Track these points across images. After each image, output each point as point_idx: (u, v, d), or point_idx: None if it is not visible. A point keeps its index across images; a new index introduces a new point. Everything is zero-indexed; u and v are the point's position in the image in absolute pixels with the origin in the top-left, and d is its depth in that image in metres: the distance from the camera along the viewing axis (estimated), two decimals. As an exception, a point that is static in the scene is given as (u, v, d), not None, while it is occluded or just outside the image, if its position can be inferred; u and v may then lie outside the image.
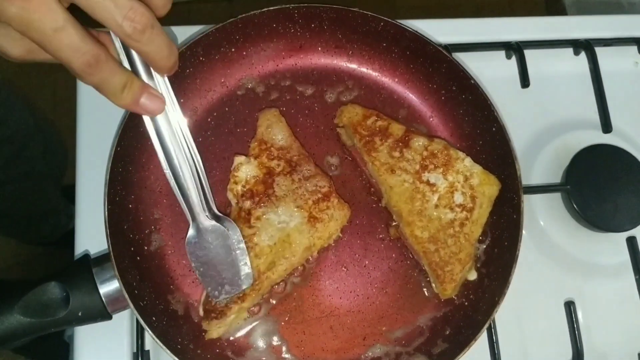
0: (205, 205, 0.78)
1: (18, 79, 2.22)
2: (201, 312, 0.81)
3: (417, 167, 0.85)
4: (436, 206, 0.84)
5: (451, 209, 0.84)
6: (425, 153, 0.86)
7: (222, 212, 0.81)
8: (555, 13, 2.35)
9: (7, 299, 0.74)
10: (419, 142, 0.86)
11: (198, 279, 0.84)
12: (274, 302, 0.85)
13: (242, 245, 0.80)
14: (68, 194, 1.88)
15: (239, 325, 0.83)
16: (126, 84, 0.62)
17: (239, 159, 0.84)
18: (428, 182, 0.85)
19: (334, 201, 0.84)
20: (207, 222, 0.79)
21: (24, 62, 0.62)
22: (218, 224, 0.79)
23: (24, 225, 1.83)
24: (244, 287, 0.79)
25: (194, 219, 0.78)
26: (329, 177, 0.86)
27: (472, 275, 0.85)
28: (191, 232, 0.79)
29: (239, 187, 0.83)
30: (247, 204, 0.82)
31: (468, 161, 0.85)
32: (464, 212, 0.84)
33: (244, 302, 0.80)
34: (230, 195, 0.83)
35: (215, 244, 0.79)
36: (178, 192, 0.76)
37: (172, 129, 0.71)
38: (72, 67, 0.58)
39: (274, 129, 0.86)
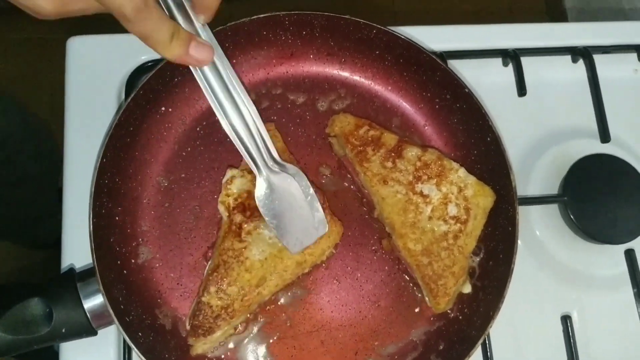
0: (267, 156, 0.77)
1: (13, 82, 2.21)
2: (188, 327, 0.79)
3: (410, 177, 0.83)
4: (430, 218, 0.82)
5: (445, 220, 0.82)
6: (418, 164, 0.84)
7: (283, 160, 0.80)
8: (556, 18, 2.33)
9: (-12, 315, 0.73)
10: (412, 152, 0.84)
11: (186, 292, 0.83)
12: (263, 318, 0.83)
13: (312, 190, 0.79)
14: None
15: (224, 341, 0.81)
16: (174, 34, 0.61)
17: (232, 171, 0.82)
18: (421, 193, 0.83)
19: (327, 218, 0.82)
20: (273, 172, 0.78)
21: (58, 16, 0.58)
22: (285, 173, 0.78)
23: (19, 229, 1.82)
24: (319, 234, 0.80)
25: (259, 171, 0.77)
26: (322, 193, 0.84)
27: (467, 289, 0.83)
28: (259, 185, 0.78)
29: (231, 200, 0.81)
30: (239, 217, 0.80)
31: (462, 172, 0.83)
32: (458, 224, 0.82)
33: (232, 319, 0.78)
34: (221, 208, 0.81)
35: (285, 194, 0.78)
36: (240, 145, 0.75)
37: (221, 79, 0.71)
38: (123, 12, 0.56)
39: None
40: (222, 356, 0.81)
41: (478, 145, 0.87)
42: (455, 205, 0.82)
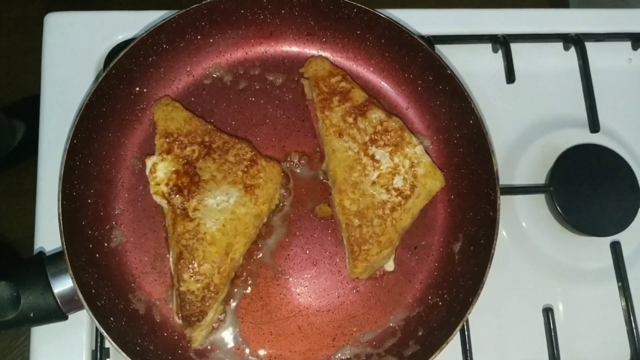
0: None
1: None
2: (179, 321, 0.77)
3: (367, 139, 0.83)
4: (373, 183, 0.81)
5: (387, 190, 0.81)
6: (379, 127, 0.83)
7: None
8: (557, 5, 2.28)
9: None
10: (376, 114, 0.84)
11: (160, 277, 0.81)
12: (239, 304, 0.82)
13: None
14: (10, 111, 1.88)
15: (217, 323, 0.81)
16: None
17: (152, 159, 0.80)
18: (373, 157, 0.82)
19: (262, 163, 0.81)
20: None
21: None
22: None
23: None
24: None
25: None
26: (247, 142, 0.84)
27: (390, 267, 0.83)
28: None
29: (163, 187, 0.79)
30: (178, 199, 0.78)
31: (419, 149, 0.83)
32: (399, 198, 0.81)
33: (218, 293, 0.77)
34: (158, 199, 0.79)
35: None
36: None
37: None
38: None
39: (173, 118, 0.82)
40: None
41: (460, 128, 0.85)
42: (402, 179, 0.81)
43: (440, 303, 0.82)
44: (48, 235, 0.84)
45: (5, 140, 1.86)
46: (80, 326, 0.82)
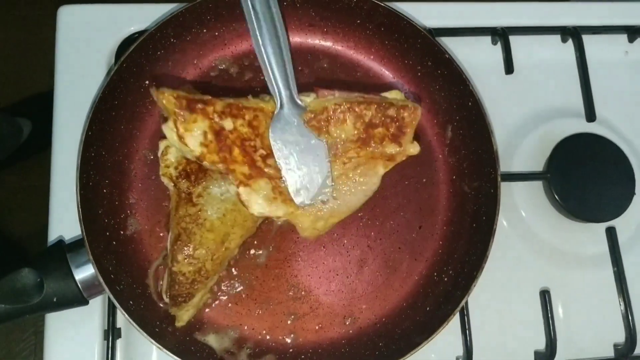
0: (290, 93, 0.79)
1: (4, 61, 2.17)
2: (166, 299, 0.80)
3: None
4: None
5: None
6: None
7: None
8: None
9: (-20, 286, 0.74)
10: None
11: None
12: (248, 285, 0.85)
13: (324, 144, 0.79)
14: (16, 109, 1.89)
15: (206, 305, 0.83)
16: None
17: (165, 142, 0.82)
18: None
19: None
20: (293, 105, 0.80)
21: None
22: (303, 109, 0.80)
23: None
24: (327, 189, 0.79)
25: (282, 105, 0.80)
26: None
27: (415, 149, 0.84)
28: (277, 115, 0.80)
29: (172, 170, 0.81)
30: (185, 184, 0.81)
31: None
32: None
33: (207, 279, 0.79)
34: (165, 180, 0.82)
35: (298, 133, 0.79)
36: (269, 72, 0.79)
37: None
38: None
39: None
40: (213, 322, 0.83)
41: (460, 111, 0.88)
42: None
43: (445, 279, 0.85)
44: (61, 225, 0.86)
45: (10, 140, 1.87)
46: (92, 307, 0.83)
